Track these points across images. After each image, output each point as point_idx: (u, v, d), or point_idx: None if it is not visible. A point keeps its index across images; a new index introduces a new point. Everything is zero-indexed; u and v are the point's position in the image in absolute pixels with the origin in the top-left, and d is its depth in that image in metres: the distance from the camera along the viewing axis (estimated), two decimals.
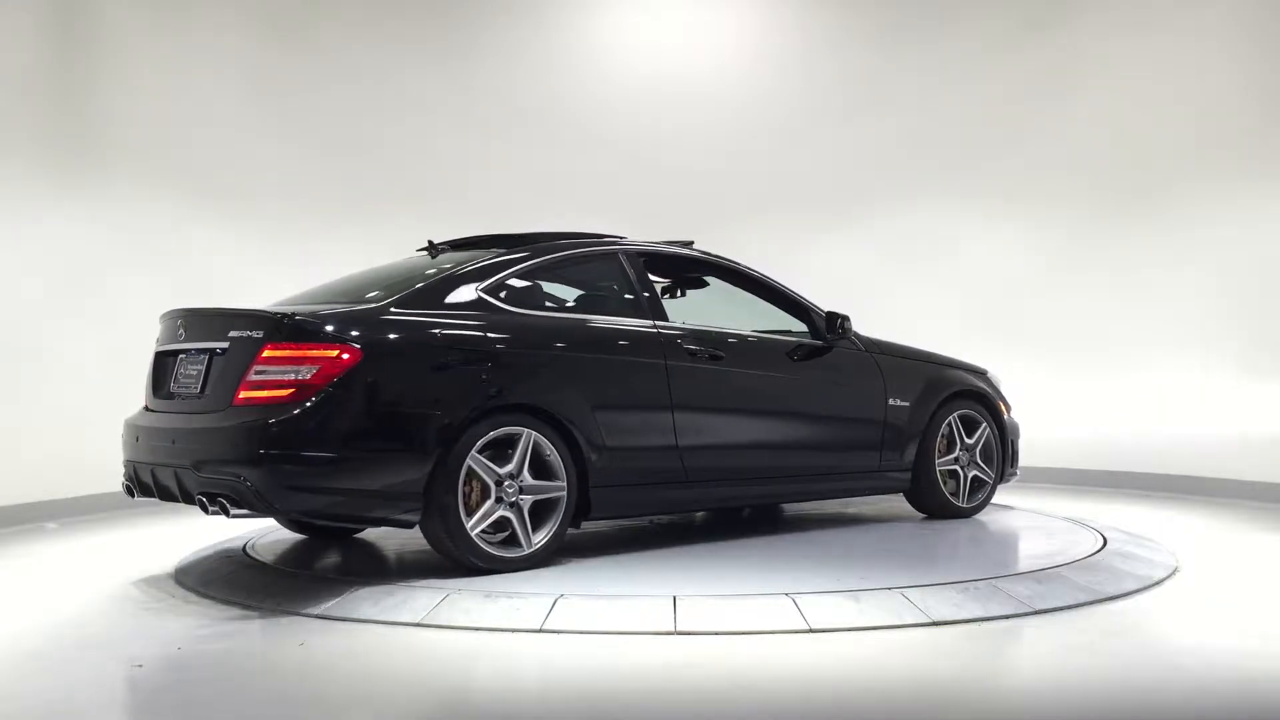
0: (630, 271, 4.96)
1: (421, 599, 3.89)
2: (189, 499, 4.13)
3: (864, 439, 5.40)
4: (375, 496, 4.08)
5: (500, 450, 4.26)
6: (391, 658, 3.41)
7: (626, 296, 4.93)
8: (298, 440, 3.95)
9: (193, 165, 7.55)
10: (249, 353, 4.08)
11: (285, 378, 4.01)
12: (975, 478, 5.71)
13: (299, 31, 8.19)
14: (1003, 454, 5.82)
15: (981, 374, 5.95)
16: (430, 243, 5.18)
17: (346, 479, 4.04)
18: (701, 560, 4.60)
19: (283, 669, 3.34)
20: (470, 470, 4.17)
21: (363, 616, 3.80)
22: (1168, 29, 7.62)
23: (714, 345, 4.95)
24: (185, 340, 4.43)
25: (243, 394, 4.05)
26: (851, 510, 6.03)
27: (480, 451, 4.20)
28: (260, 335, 4.10)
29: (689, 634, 3.55)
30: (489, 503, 4.22)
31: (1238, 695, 3.04)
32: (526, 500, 4.31)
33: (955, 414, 5.63)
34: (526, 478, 4.30)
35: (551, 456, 4.36)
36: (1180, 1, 7.60)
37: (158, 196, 7.34)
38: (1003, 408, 5.87)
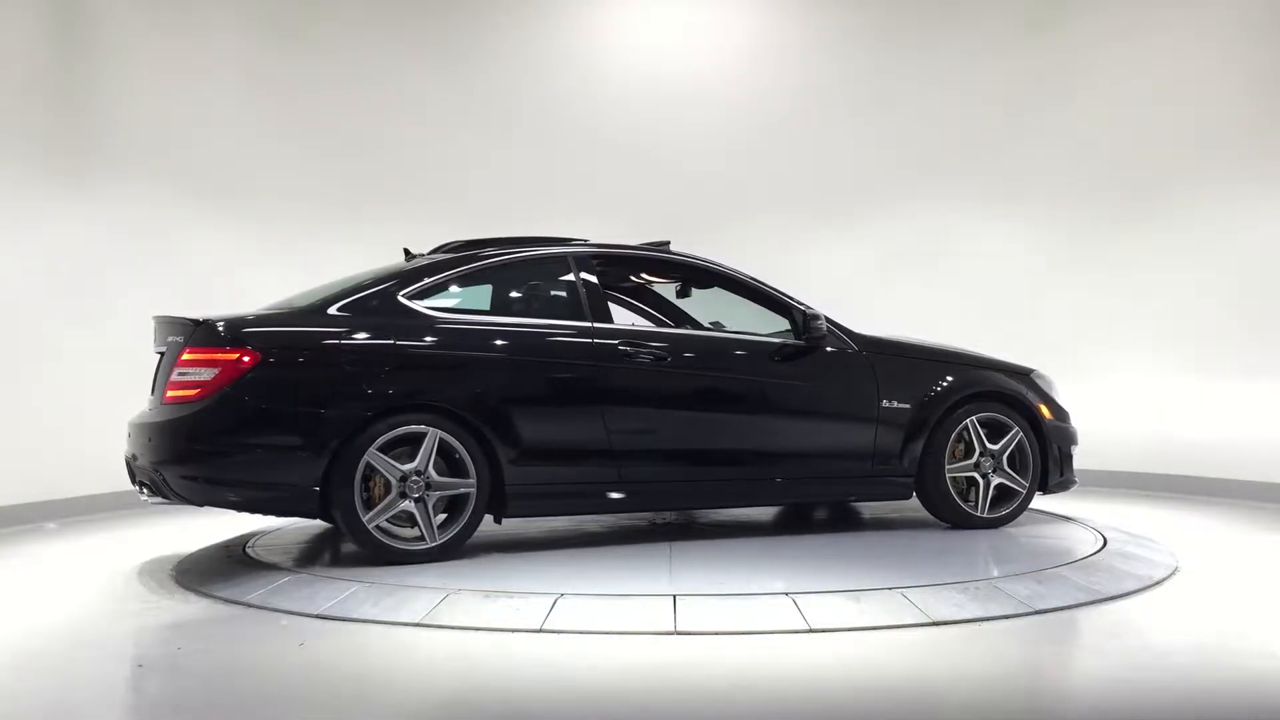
0: (577, 274, 4.98)
1: (421, 599, 3.90)
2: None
3: (849, 443, 5.14)
4: (272, 490, 4.41)
5: (414, 448, 4.46)
6: (391, 658, 3.41)
7: (569, 299, 4.96)
8: (196, 437, 4.34)
9: (193, 165, 7.55)
10: (175, 356, 4.50)
11: (195, 379, 4.39)
12: (1002, 486, 5.30)
13: (299, 32, 8.19)
14: (1043, 461, 5.36)
15: (1023, 375, 5.52)
16: (406, 251, 5.31)
17: (242, 473, 4.39)
18: (701, 560, 4.60)
19: (283, 669, 3.34)
20: (372, 466, 4.39)
21: (363, 616, 3.81)
22: (1167, 30, 7.62)
23: (657, 347, 4.90)
24: (159, 344, 4.82)
25: (168, 394, 4.47)
26: (867, 515, 6.00)
27: (385, 448, 4.41)
28: (181, 340, 4.50)
29: (689, 634, 3.55)
30: (390, 497, 4.41)
31: (1238, 695, 3.04)
32: (433, 496, 4.47)
33: (974, 417, 5.24)
34: (433, 474, 4.45)
35: (461, 455, 4.50)
36: (1179, 2, 7.60)
37: (158, 196, 7.35)
38: (1043, 411, 5.40)
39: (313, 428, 4.37)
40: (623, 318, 5.69)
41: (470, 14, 8.59)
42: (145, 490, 4.54)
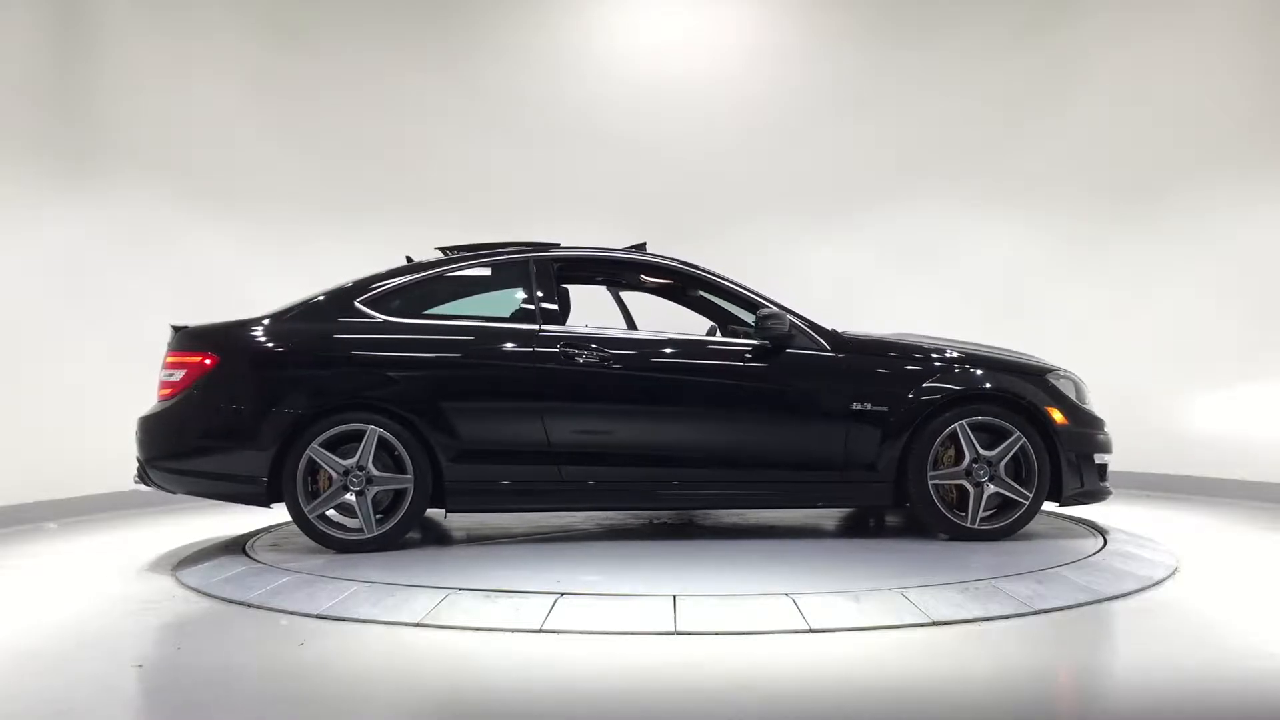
0: (535, 278, 5.10)
1: (421, 599, 3.90)
2: None
3: (815, 446, 4.95)
4: (226, 480, 4.86)
5: (357, 444, 4.79)
6: (391, 658, 3.41)
7: (525, 302, 5.09)
8: (162, 431, 4.90)
9: (193, 166, 7.55)
10: (164, 359, 5.03)
11: (171, 380, 4.92)
12: (1002, 496, 4.96)
13: (299, 33, 8.19)
14: (1054, 470, 4.96)
15: (1036, 375, 5.13)
16: (408, 259, 5.42)
17: (200, 464, 4.88)
18: (701, 560, 4.60)
19: (283, 669, 3.35)
20: (314, 461, 4.76)
21: (363, 616, 3.81)
22: (1167, 30, 7.62)
23: (603, 349, 4.92)
24: None
25: (159, 393, 4.97)
26: (867, 517, 6.00)
27: (335, 444, 4.78)
28: (168, 344, 5.01)
29: (689, 634, 3.55)
30: (332, 489, 4.78)
31: (1238, 695, 3.04)
32: (372, 489, 4.79)
33: (965, 420, 4.92)
34: (372, 470, 4.77)
35: (400, 451, 4.79)
36: (1179, 4, 7.60)
37: (158, 197, 7.35)
38: (1054, 415, 4.98)
39: (259, 424, 4.79)
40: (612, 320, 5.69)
41: (471, 15, 8.59)
42: (138, 479, 5.01)
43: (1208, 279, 7.38)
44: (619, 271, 5.69)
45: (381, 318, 4.95)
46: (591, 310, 5.71)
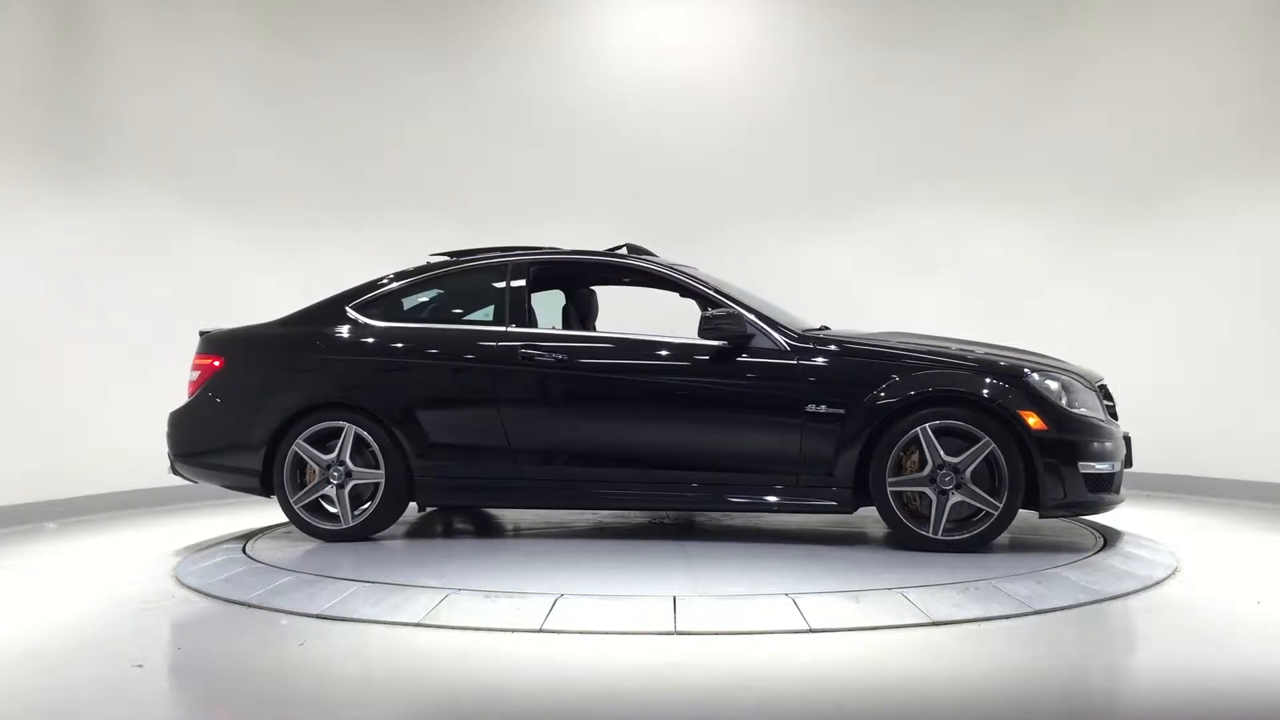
0: (511, 281, 5.26)
1: (421, 599, 3.90)
2: None
3: (769, 449, 4.79)
4: (229, 472, 5.31)
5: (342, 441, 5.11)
6: (391, 658, 3.41)
7: (497, 305, 5.27)
8: (182, 426, 5.41)
9: (193, 167, 7.55)
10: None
11: (193, 380, 5.41)
12: (968, 505, 4.65)
13: (299, 33, 8.19)
14: (1028, 476, 4.58)
15: (1014, 376, 4.70)
16: (428, 262, 5.59)
17: (209, 457, 5.36)
18: (702, 560, 4.60)
19: (283, 669, 3.35)
20: (299, 456, 5.11)
21: (363, 616, 3.81)
22: (1167, 31, 7.62)
23: (561, 350, 5.03)
24: None
25: (187, 392, 5.44)
26: (866, 517, 5.98)
27: (317, 441, 5.11)
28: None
29: (689, 634, 3.55)
30: (315, 481, 5.11)
31: (1238, 695, 3.04)
32: (351, 483, 5.08)
33: (928, 424, 4.62)
34: (350, 464, 5.07)
35: (373, 448, 5.07)
36: (1179, 5, 7.60)
37: (158, 197, 7.35)
38: (1029, 419, 4.58)
39: (252, 421, 5.20)
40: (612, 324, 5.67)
41: (471, 15, 8.59)
42: (170, 469, 5.47)
43: (1207, 279, 7.37)
44: (590, 272, 5.82)
45: (367, 322, 5.26)
46: (667, 317, 5.69)
